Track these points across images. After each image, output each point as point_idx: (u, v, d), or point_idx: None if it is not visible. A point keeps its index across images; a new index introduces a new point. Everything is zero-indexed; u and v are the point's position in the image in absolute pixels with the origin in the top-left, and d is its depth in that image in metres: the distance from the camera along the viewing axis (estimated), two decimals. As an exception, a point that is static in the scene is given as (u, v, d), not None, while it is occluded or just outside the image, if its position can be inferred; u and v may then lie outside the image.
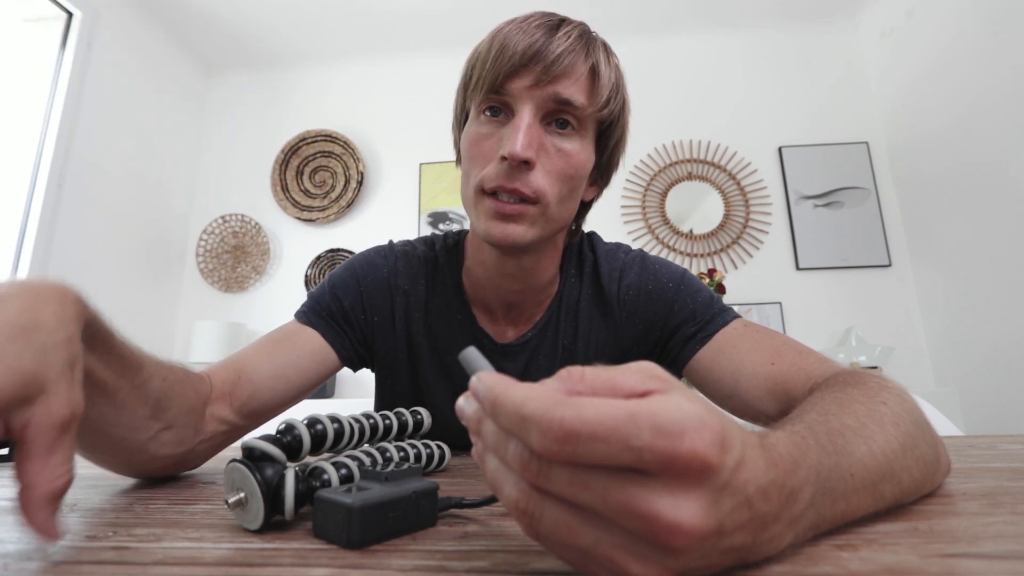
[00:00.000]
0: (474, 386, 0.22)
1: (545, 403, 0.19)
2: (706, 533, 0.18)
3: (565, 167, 0.53)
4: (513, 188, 0.51)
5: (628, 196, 2.59)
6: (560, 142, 0.53)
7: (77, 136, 2.16)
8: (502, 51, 0.51)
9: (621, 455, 0.18)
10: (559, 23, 0.53)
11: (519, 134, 0.50)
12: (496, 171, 0.51)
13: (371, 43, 2.79)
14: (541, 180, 0.51)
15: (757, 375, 0.53)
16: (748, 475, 0.19)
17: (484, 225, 0.53)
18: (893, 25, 2.42)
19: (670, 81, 2.68)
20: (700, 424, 0.18)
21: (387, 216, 2.71)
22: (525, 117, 0.51)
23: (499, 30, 0.54)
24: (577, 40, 0.52)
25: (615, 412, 0.18)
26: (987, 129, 1.94)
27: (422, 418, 0.49)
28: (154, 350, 0.42)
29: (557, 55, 0.50)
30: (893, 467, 0.28)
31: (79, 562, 0.25)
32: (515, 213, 0.52)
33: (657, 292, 0.63)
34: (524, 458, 0.20)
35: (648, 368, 0.22)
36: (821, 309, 2.37)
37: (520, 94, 0.51)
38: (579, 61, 0.52)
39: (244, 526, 0.30)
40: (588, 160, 0.55)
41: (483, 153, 0.53)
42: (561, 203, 0.54)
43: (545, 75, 0.50)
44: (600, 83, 0.53)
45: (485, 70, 0.52)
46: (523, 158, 0.49)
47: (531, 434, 0.19)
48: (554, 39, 0.51)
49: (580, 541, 0.19)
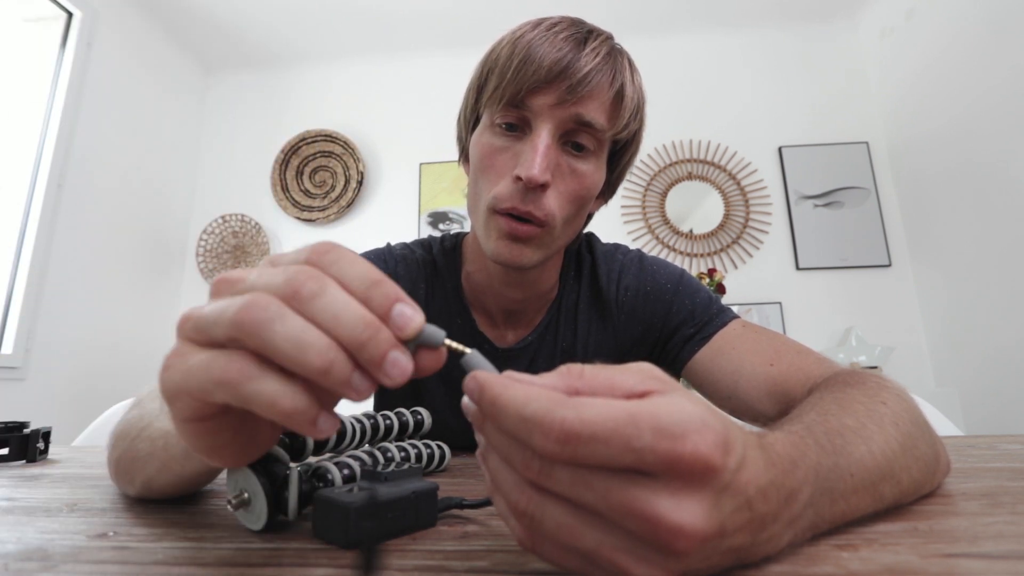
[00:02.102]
0: (468, 386, 0.21)
1: (546, 404, 0.19)
2: (709, 535, 0.18)
3: (578, 189, 0.52)
4: (527, 211, 0.49)
5: (628, 196, 2.59)
6: (575, 163, 0.51)
7: (77, 136, 2.16)
8: (526, 63, 0.49)
9: (622, 456, 0.18)
10: (587, 36, 0.51)
11: (537, 156, 0.48)
12: (510, 192, 0.50)
13: (371, 43, 2.79)
14: (553, 204, 0.50)
15: (756, 376, 0.53)
16: (749, 476, 0.19)
17: (494, 244, 0.52)
18: (893, 25, 2.42)
19: (670, 81, 2.68)
20: (702, 425, 0.18)
21: (387, 216, 2.71)
22: (544, 138, 0.49)
23: (522, 35, 0.51)
24: (605, 59, 0.50)
25: (616, 413, 0.18)
26: (987, 129, 1.94)
27: (422, 418, 0.49)
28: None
29: (584, 74, 0.48)
30: (892, 467, 0.28)
31: (79, 562, 0.25)
32: (527, 236, 0.51)
33: (655, 293, 0.63)
34: (526, 458, 0.20)
35: (647, 369, 0.21)
36: (821, 309, 2.37)
37: (541, 111, 0.49)
38: (606, 82, 0.50)
39: (247, 527, 0.30)
40: (600, 180, 0.54)
41: (495, 167, 0.52)
42: (567, 223, 0.53)
43: (570, 95, 0.48)
44: (624, 105, 0.51)
45: (506, 80, 0.49)
46: (540, 183, 0.48)
47: (533, 436, 0.19)
48: (582, 55, 0.49)
49: (582, 543, 0.19)
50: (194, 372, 0.20)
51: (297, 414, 0.20)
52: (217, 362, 0.20)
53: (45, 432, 0.61)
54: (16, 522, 0.32)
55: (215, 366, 0.20)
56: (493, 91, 0.51)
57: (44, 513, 0.34)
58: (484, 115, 0.54)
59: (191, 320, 0.21)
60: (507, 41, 0.52)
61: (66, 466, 0.55)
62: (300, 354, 0.19)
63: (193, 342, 0.21)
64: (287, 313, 0.20)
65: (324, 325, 0.20)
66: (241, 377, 0.20)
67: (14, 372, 1.91)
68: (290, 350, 0.19)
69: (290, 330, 0.19)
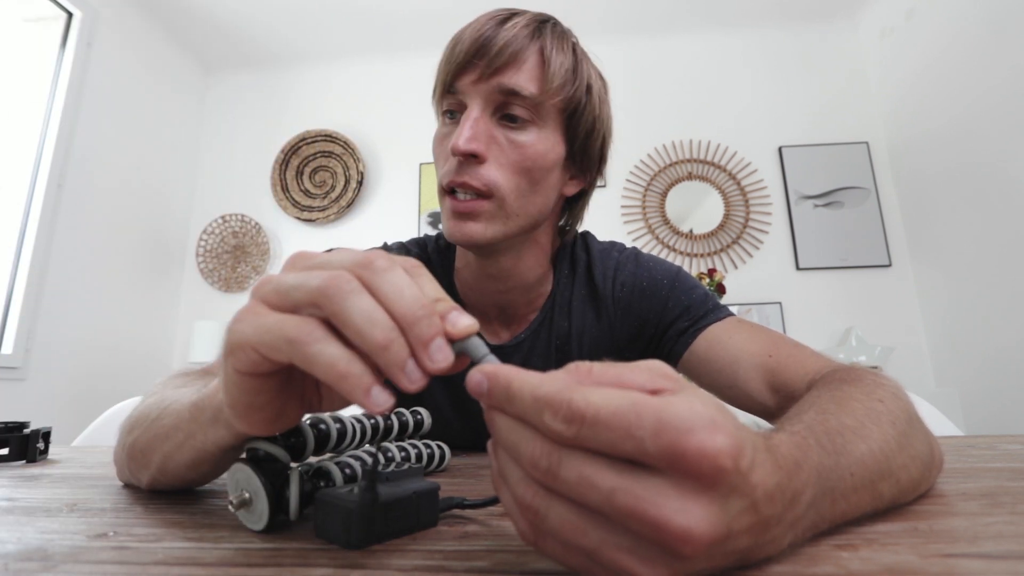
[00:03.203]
0: (473, 379, 0.22)
1: (558, 385, 0.20)
2: (716, 539, 0.18)
3: (520, 159, 0.52)
4: (463, 182, 0.51)
5: (628, 196, 2.59)
6: (512, 135, 0.52)
7: (77, 136, 2.16)
8: (453, 49, 0.52)
9: (623, 443, 0.18)
10: (510, 15, 0.53)
11: (464, 129, 0.50)
12: (450, 168, 0.52)
13: (371, 43, 2.79)
14: (493, 173, 0.51)
15: (755, 366, 0.53)
16: (758, 479, 0.19)
17: (446, 225, 0.54)
18: (893, 25, 2.42)
19: (670, 81, 2.68)
20: (711, 424, 0.18)
21: (387, 216, 2.71)
22: (472, 112, 0.51)
23: (459, 30, 0.54)
24: (524, 28, 0.51)
25: (620, 400, 0.19)
26: (987, 129, 1.94)
27: (422, 418, 0.49)
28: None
29: (501, 46, 0.50)
30: (891, 466, 0.29)
31: (79, 562, 0.25)
32: (469, 211, 0.52)
33: (651, 288, 0.63)
34: (534, 454, 0.20)
35: (657, 367, 0.21)
36: (821, 309, 2.37)
37: (467, 90, 0.52)
38: (524, 48, 0.51)
39: (248, 527, 0.30)
40: (549, 151, 0.54)
41: (443, 153, 0.54)
42: (521, 196, 0.53)
43: (488, 68, 0.50)
44: (551, 69, 0.51)
45: (441, 71, 0.53)
46: (464, 151, 0.49)
47: (544, 414, 0.19)
48: (501, 30, 0.51)
49: (585, 541, 0.19)
50: (269, 327, 0.23)
51: (352, 377, 0.21)
52: (291, 321, 0.22)
53: (45, 432, 0.61)
54: (16, 522, 0.32)
55: (289, 324, 0.22)
56: (436, 86, 0.55)
57: (44, 513, 0.34)
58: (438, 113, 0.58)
59: (271, 284, 0.24)
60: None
61: (66, 466, 0.55)
62: (368, 326, 0.21)
63: (268, 304, 0.24)
64: (363, 292, 0.22)
65: (388, 298, 0.22)
66: (310, 338, 0.22)
67: (14, 372, 1.91)
68: (360, 321, 0.21)
69: (363, 304, 0.22)
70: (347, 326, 0.22)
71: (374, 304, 0.22)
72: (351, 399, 0.22)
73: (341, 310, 0.22)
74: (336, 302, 0.22)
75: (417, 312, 0.22)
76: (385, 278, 0.23)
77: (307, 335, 0.22)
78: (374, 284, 0.22)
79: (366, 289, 0.22)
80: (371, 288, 0.22)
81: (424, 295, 0.23)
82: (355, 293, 0.22)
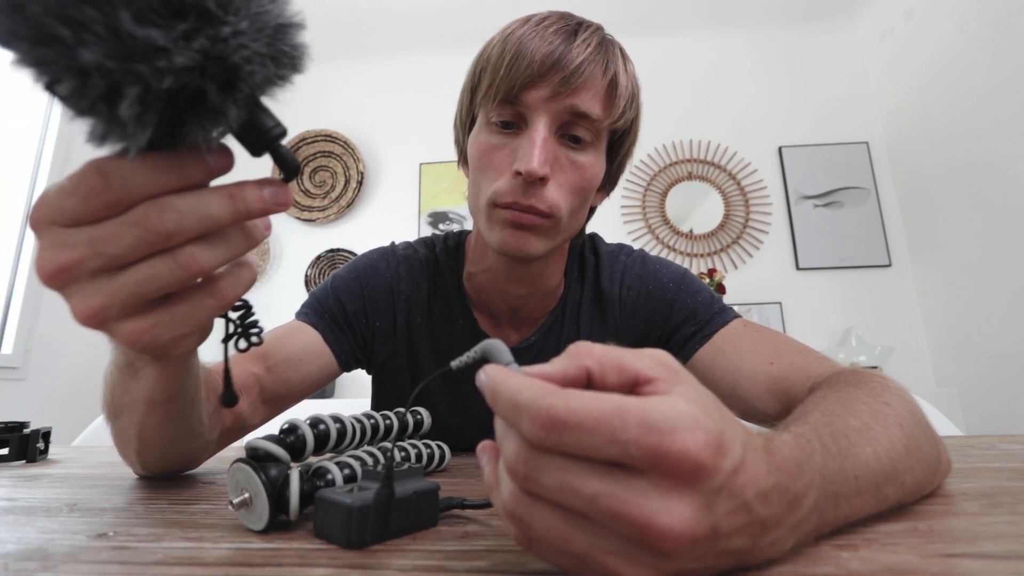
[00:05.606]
0: (479, 379, 0.23)
1: (537, 392, 0.19)
2: (698, 536, 0.18)
3: (579, 180, 0.52)
4: (529, 205, 0.49)
5: (628, 196, 2.59)
6: (574, 156, 0.51)
7: (77, 136, 2.16)
8: (517, 58, 0.48)
9: (607, 448, 0.18)
10: (576, 28, 0.51)
11: (535, 150, 0.48)
12: (510, 186, 0.50)
13: (371, 43, 2.79)
14: (555, 195, 0.50)
15: (756, 375, 0.53)
16: (746, 479, 0.19)
17: (499, 235, 0.52)
18: (893, 25, 2.42)
19: (670, 81, 2.68)
20: (693, 423, 0.18)
21: (387, 216, 2.71)
22: (540, 131, 0.49)
23: (512, 32, 0.51)
24: (597, 49, 0.50)
25: (603, 405, 0.18)
26: (987, 129, 1.94)
27: (422, 418, 0.49)
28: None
29: (577, 65, 0.48)
30: (897, 468, 0.28)
31: (79, 562, 0.25)
32: (531, 224, 0.50)
33: (658, 291, 0.63)
34: (513, 460, 0.20)
35: (659, 355, 0.21)
36: (821, 309, 2.37)
37: (536, 105, 0.49)
38: (599, 72, 0.50)
39: (248, 526, 0.30)
40: (601, 171, 0.54)
41: (494, 165, 0.52)
42: (572, 215, 0.53)
43: (564, 87, 0.48)
44: (619, 94, 0.51)
45: (499, 78, 0.49)
46: (540, 176, 0.48)
47: (522, 421, 0.19)
48: (573, 47, 0.49)
49: (572, 547, 0.19)
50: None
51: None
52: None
53: (45, 432, 0.61)
54: (16, 522, 0.32)
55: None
56: (487, 90, 0.51)
57: (44, 513, 0.34)
58: (480, 115, 0.54)
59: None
60: (497, 40, 0.52)
61: (66, 466, 0.55)
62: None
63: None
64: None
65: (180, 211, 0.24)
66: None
67: (14, 372, 1.91)
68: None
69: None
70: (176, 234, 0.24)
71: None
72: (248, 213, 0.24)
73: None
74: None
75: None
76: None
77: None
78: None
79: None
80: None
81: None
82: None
